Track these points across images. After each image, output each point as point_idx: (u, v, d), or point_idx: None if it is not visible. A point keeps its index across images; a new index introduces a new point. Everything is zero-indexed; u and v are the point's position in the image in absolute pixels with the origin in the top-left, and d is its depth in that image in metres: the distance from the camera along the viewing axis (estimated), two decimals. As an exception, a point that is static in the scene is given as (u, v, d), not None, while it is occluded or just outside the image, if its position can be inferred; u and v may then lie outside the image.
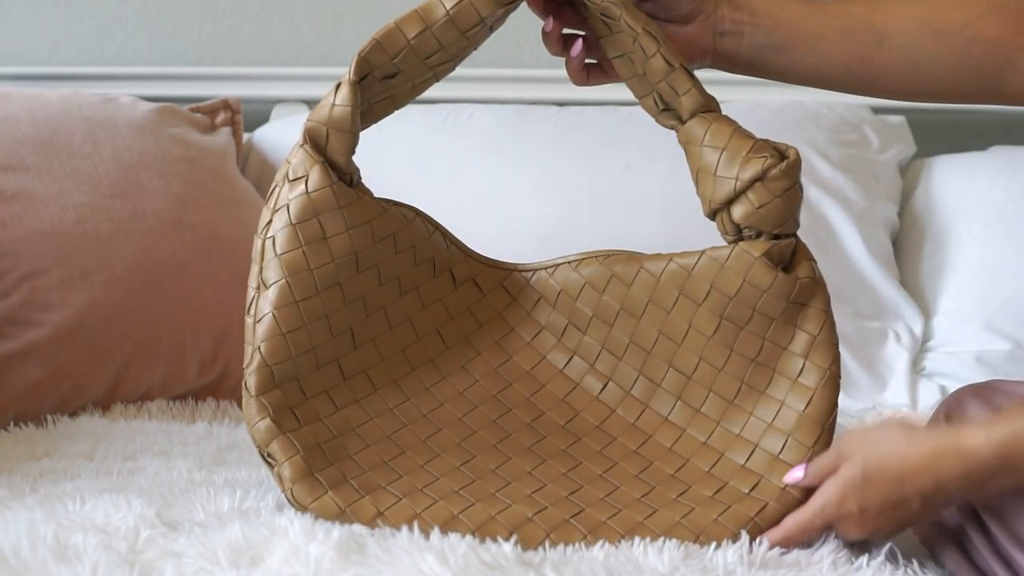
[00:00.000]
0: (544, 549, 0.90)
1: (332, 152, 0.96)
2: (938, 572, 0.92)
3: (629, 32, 0.98)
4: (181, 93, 1.95)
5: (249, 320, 0.97)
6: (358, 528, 0.90)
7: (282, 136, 1.92)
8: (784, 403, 0.99)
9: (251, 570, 0.82)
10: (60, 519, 0.88)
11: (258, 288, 0.97)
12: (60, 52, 2.05)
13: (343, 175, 0.97)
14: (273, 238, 0.96)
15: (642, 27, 0.98)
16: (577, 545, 0.90)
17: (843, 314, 1.13)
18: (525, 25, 2.04)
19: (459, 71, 2.09)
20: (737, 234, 1.00)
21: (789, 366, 1.00)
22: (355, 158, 1.00)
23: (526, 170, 1.81)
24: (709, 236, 1.05)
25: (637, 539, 0.91)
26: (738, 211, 0.98)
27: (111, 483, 1.06)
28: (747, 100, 1.96)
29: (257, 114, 2.00)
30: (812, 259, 1.01)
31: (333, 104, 0.96)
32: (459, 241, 1.07)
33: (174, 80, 2.01)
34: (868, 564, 0.90)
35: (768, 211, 0.97)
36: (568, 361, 1.05)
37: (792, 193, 0.97)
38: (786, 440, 0.98)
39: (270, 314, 0.96)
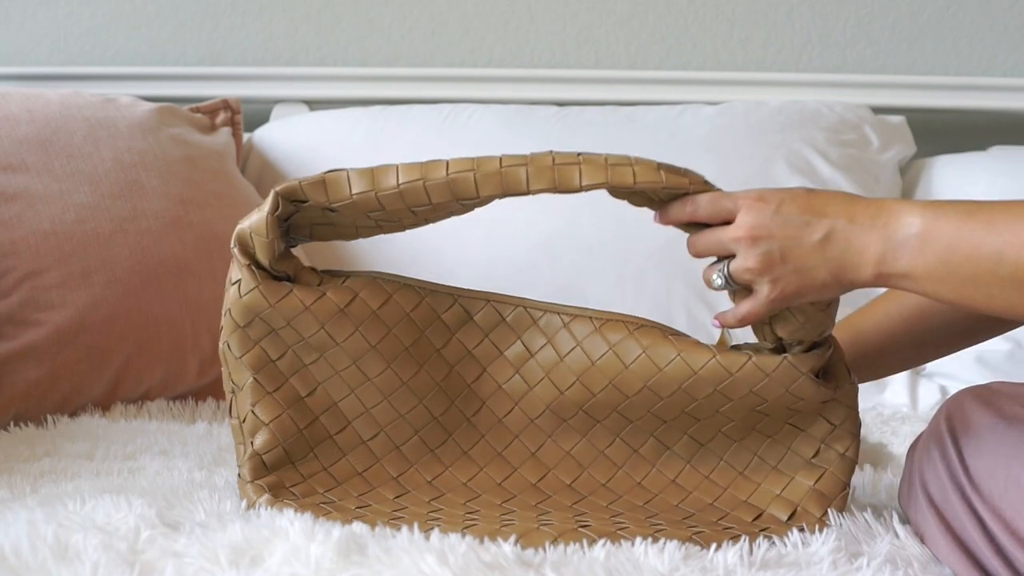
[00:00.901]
0: (544, 549, 0.89)
1: (259, 255, 0.99)
2: (939, 573, 0.92)
3: None
4: (181, 93, 1.96)
5: (235, 422, 1.01)
6: (358, 528, 0.90)
7: (282, 136, 1.92)
8: (794, 479, 1.01)
9: (251, 570, 0.82)
10: (60, 519, 0.88)
11: (233, 392, 1.01)
12: (60, 52, 2.05)
13: (277, 274, 0.99)
14: (228, 343, 1.00)
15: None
16: (577, 545, 0.90)
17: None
18: (525, 25, 2.05)
19: (459, 71, 2.09)
20: (777, 342, 0.99)
21: (805, 447, 1.02)
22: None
23: (526, 170, 1.81)
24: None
25: (638, 539, 0.91)
26: (782, 328, 0.97)
27: (111, 483, 1.06)
28: (747, 100, 1.96)
29: (257, 114, 2.00)
30: (843, 355, 1.02)
31: (259, 209, 0.98)
32: (439, 285, 1.04)
33: (174, 80, 2.01)
34: (868, 564, 0.90)
35: (813, 325, 0.97)
36: (574, 415, 1.03)
37: (834, 306, 0.97)
38: (795, 510, 1.00)
39: (249, 411, 1.00)
